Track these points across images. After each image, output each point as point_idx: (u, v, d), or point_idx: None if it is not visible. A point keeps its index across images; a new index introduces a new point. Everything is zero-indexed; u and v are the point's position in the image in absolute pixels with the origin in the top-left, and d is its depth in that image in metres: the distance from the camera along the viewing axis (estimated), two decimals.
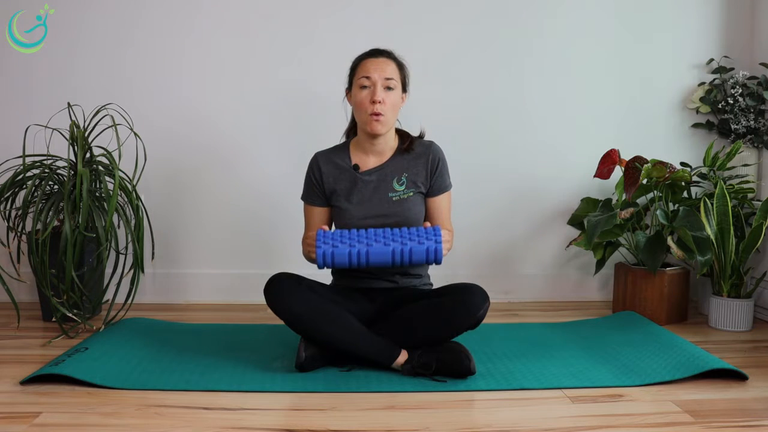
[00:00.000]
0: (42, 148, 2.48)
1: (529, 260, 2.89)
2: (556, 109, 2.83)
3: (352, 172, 2.07)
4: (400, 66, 2.06)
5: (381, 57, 2.03)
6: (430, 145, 2.10)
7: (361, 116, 2.01)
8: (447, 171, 2.12)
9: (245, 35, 2.72)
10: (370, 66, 2.00)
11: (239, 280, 2.75)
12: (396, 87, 2.01)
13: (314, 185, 2.10)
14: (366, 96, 1.99)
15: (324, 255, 1.84)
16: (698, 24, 2.85)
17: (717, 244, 2.39)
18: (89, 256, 2.40)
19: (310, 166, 2.12)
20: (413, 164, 2.07)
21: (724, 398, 1.75)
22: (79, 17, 2.67)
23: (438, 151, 2.10)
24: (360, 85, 2.00)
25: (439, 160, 2.09)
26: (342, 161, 2.09)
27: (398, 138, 2.12)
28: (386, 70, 2.00)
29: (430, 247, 1.84)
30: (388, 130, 2.04)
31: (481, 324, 1.92)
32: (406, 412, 1.64)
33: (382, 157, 2.08)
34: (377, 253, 1.83)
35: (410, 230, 1.89)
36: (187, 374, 1.87)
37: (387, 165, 2.07)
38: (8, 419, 1.57)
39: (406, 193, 2.05)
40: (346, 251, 1.84)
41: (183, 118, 2.72)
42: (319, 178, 2.09)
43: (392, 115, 2.02)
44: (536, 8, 2.79)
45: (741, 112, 2.72)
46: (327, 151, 2.13)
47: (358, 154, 2.10)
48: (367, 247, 1.83)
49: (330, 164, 2.09)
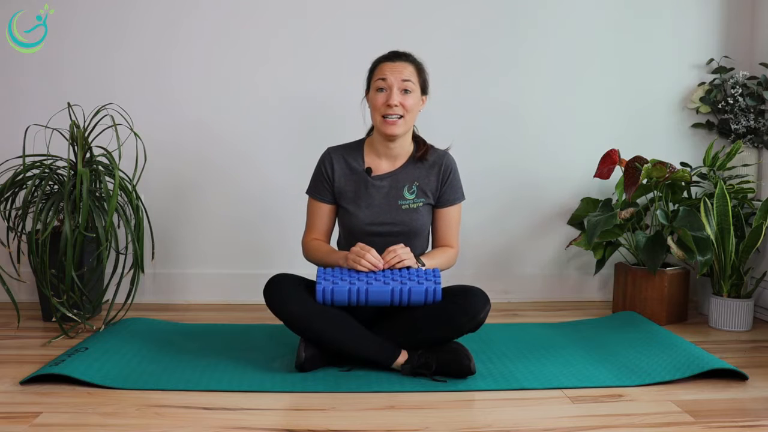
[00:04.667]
0: (42, 148, 2.47)
1: (529, 260, 2.89)
2: (556, 109, 2.83)
3: (364, 174, 2.05)
4: (419, 68, 2.02)
5: (399, 60, 2.00)
6: (444, 155, 2.08)
7: (376, 118, 2.00)
8: (459, 183, 2.09)
9: (245, 35, 2.72)
10: (387, 69, 1.98)
11: (239, 280, 2.75)
12: (414, 90, 1.98)
13: (324, 179, 2.06)
14: (381, 98, 1.97)
15: (324, 291, 1.85)
16: (698, 24, 2.85)
17: (717, 244, 2.39)
18: (89, 256, 2.40)
19: (322, 159, 2.08)
20: (426, 173, 2.05)
21: (724, 398, 1.75)
22: (79, 17, 2.67)
23: (451, 162, 2.08)
24: (377, 88, 1.98)
25: (451, 170, 2.07)
26: (355, 161, 2.06)
27: (414, 144, 2.09)
28: (404, 72, 1.97)
29: (429, 287, 1.85)
30: (404, 132, 2.01)
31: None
32: (406, 412, 1.64)
33: (396, 162, 2.06)
34: (376, 291, 1.84)
35: (410, 270, 1.91)
36: (187, 374, 1.87)
37: (400, 171, 2.05)
38: (8, 419, 1.57)
39: (416, 203, 2.04)
40: (345, 288, 1.85)
41: (183, 118, 2.72)
42: (331, 173, 2.06)
43: (410, 117, 1.99)
44: (536, 8, 2.79)
45: (741, 112, 2.72)
46: (340, 148, 2.09)
47: (371, 156, 2.07)
48: (366, 285, 1.85)
49: (342, 162, 2.06)
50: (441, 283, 1.87)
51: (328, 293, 1.85)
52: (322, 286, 1.85)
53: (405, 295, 1.85)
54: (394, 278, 1.87)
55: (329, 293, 1.85)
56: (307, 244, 2.09)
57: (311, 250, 2.07)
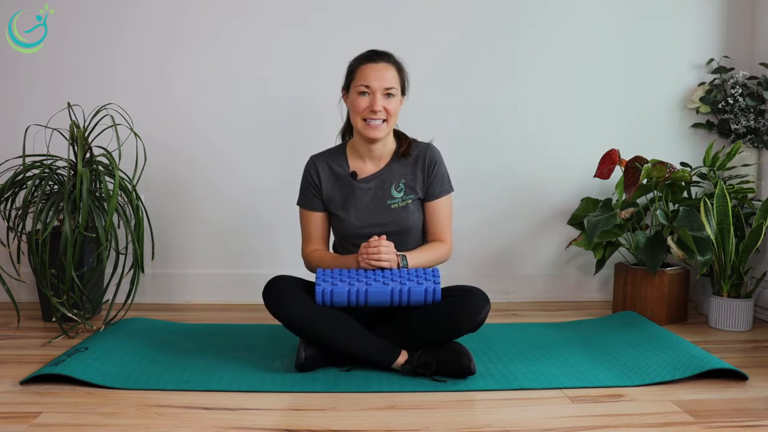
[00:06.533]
0: (42, 148, 2.47)
1: (529, 260, 2.89)
2: (556, 109, 2.83)
3: (350, 179, 2.03)
4: (399, 70, 2.01)
5: (381, 62, 1.97)
6: (427, 147, 2.06)
7: (358, 121, 1.97)
8: (445, 174, 2.06)
9: (245, 36, 2.72)
10: (370, 73, 1.95)
11: (239, 280, 2.75)
12: (396, 93, 1.98)
13: (312, 187, 2.06)
14: (364, 102, 1.95)
15: (323, 292, 1.85)
16: (698, 24, 2.85)
17: (717, 244, 2.39)
18: (89, 256, 2.40)
19: (307, 169, 2.08)
20: (411, 169, 2.04)
21: (724, 398, 1.75)
22: (78, 17, 2.67)
23: (435, 153, 2.05)
24: (358, 91, 1.96)
25: (436, 162, 2.04)
26: (339, 167, 2.05)
27: (395, 141, 2.08)
28: (386, 77, 1.95)
29: (428, 287, 1.85)
30: (387, 134, 2.01)
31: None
32: (406, 412, 1.64)
33: (380, 162, 2.05)
34: (376, 292, 1.84)
35: (409, 270, 1.91)
36: (187, 374, 1.87)
37: (385, 171, 2.04)
38: (8, 419, 1.57)
39: (404, 200, 2.02)
40: (345, 289, 1.85)
41: (183, 118, 2.72)
42: (318, 181, 2.05)
43: (392, 120, 1.99)
44: (536, 8, 2.79)
45: (741, 112, 2.72)
46: (323, 155, 2.08)
47: (355, 160, 2.06)
48: (366, 286, 1.85)
49: (327, 170, 2.05)
50: (441, 284, 1.87)
51: (327, 294, 1.85)
52: (322, 288, 1.85)
53: (404, 296, 1.85)
54: (393, 279, 1.87)
55: (329, 294, 1.85)
56: (308, 255, 2.08)
57: (315, 261, 2.05)
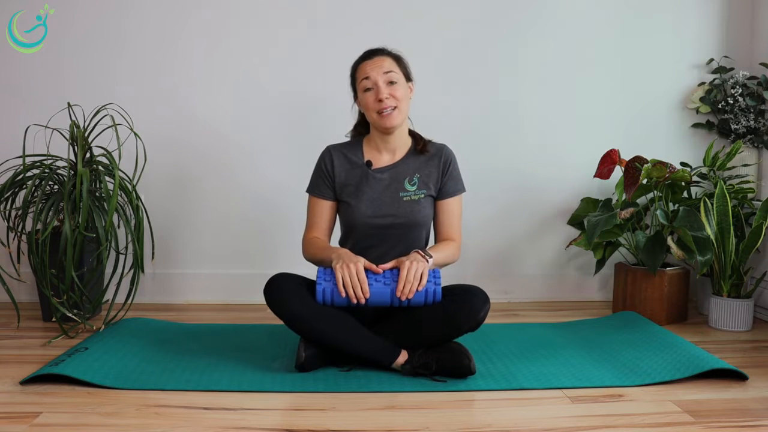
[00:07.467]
0: (42, 148, 2.48)
1: (529, 260, 2.89)
2: (556, 109, 2.83)
3: (365, 168, 2.06)
4: (396, 58, 2.05)
5: (375, 56, 2.02)
6: (443, 147, 2.11)
7: (372, 116, 2.01)
8: (459, 174, 2.11)
9: (245, 35, 2.72)
10: (367, 67, 2.00)
11: (239, 280, 2.75)
12: (399, 79, 2.01)
13: (325, 176, 2.08)
14: (371, 97, 1.99)
15: (324, 292, 1.85)
16: (698, 24, 2.85)
17: (717, 244, 2.39)
18: (89, 256, 2.40)
19: (322, 157, 2.10)
20: (426, 165, 2.07)
21: (724, 398, 1.75)
22: (79, 17, 2.67)
23: (450, 154, 2.11)
24: (363, 89, 2.01)
25: (451, 161, 2.09)
26: (355, 156, 2.08)
27: (412, 139, 2.11)
28: (383, 65, 2.00)
29: (429, 288, 1.85)
30: (401, 122, 2.03)
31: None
32: (406, 412, 1.64)
33: (396, 155, 2.08)
34: (376, 292, 1.84)
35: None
36: (187, 374, 1.87)
37: (400, 164, 2.07)
38: (8, 419, 1.57)
39: (417, 194, 2.04)
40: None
41: (183, 118, 2.72)
42: (331, 169, 2.07)
43: (403, 106, 2.01)
44: (537, 8, 2.79)
45: (741, 112, 2.72)
46: (339, 145, 2.12)
47: (371, 151, 2.09)
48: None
49: (342, 157, 2.08)
50: (441, 284, 1.87)
51: (328, 294, 1.85)
52: (322, 287, 1.85)
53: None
54: (394, 279, 1.87)
55: (329, 294, 1.85)
56: (307, 241, 2.09)
57: (309, 247, 2.06)
